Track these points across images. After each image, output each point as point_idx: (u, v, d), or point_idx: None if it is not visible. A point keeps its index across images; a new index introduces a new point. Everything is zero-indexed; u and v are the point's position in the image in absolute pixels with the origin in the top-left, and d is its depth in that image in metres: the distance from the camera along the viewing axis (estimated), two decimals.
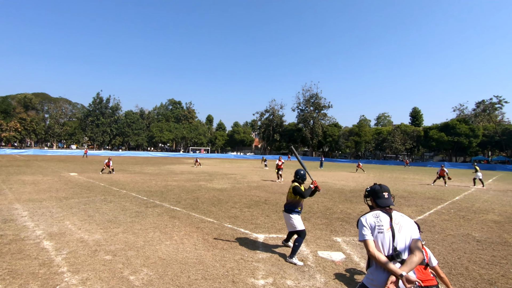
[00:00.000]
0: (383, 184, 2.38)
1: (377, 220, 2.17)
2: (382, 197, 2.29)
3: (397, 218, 2.18)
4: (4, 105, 72.81)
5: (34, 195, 9.01)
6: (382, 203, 2.27)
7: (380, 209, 2.25)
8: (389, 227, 2.13)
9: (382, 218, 2.17)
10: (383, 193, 2.30)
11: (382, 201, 2.28)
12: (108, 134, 77.12)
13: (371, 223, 2.18)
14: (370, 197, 2.40)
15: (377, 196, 2.32)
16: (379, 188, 2.34)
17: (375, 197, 2.34)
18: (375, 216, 2.20)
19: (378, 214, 2.21)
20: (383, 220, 2.15)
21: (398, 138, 60.97)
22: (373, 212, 2.24)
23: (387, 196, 2.29)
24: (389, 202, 2.27)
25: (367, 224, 2.18)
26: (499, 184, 18.74)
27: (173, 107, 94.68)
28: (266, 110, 78.22)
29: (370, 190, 2.41)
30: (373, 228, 2.16)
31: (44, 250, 4.28)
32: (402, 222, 2.16)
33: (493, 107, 57.57)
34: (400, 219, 2.18)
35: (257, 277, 3.60)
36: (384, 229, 2.12)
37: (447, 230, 6.29)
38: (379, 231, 2.13)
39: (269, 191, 11.78)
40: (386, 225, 2.14)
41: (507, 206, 9.77)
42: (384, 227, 2.13)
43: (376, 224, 2.16)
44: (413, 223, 2.22)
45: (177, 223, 6.15)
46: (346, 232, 5.85)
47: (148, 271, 3.65)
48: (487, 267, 4.19)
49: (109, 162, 17.75)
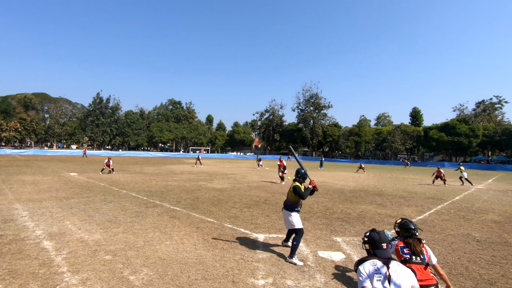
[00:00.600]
0: (382, 231, 2.42)
1: (375, 268, 2.22)
2: (380, 247, 2.34)
3: (394, 266, 2.23)
4: (4, 105, 72.81)
5: (34, 195, 9.01)
6: (380, 255, 2.31)
7: (377, 258, 2.29)
8: (387, 275, 2.17)
9: (379, 267, 2.22)
10: (381, 244, 2.34)
11: (380, 252, 2.33)
12: (108, 134, 77.14)
13: (369, 271, 2.23)
14: (368, 244, 2.43)
15: (376, 246, 2.36)
16: (378, 238, 2.37)
17: (374, 247, 2.38)
18: (373, 264, 2.24)
19: (375, 263, 2.25)
20: (381, 269, 2.20)
21: (398, 138, 60.96)
22: (371, 261, 2.28)
23: (385, 247, 2.33)
24: (387, 255, 2.31)
25: (365, 272, 2.23)
26: (499, 184, 18.74)
27: (173, 107, 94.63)
28: (266, 110, 78.25)
29: (369, 237, 2.44)
30: (372, 276, 2.20)
31: (44, 250, 4.28)
32: (399, 271, 2.21)
33: (493, 107, 57.57)
34: (397, 268, 2.23)
35: (257, 277, 3.60)
36: (382, 278, 2.16)
37: (447, 230, 6.29)
38: (377, 279, 2.17)
39: (269, 191, 11.78)
40: (383, 274, 2.18)
41: (507, 206, 9.77)
42: (382, 275, 2.18)
43: (374, 273, 2.20)
44: (410, 271, 2.26)
45: (177, 223, 6.15)
46: (346, 232, 5.85)
47: (148, 271, 3.65)
48: (487, 267, 4.19)
49: (109, 161, 17.75)
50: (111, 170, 17.74)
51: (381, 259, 2.28)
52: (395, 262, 2.30)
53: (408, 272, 2.24)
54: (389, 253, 2.34)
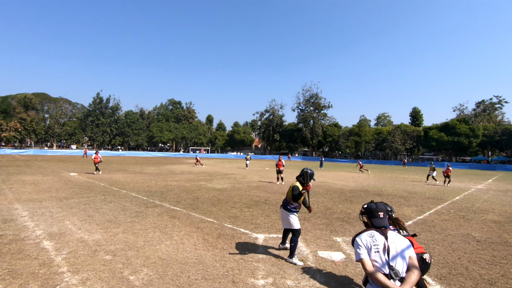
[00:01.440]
0: (380, 202, 2.42)
1: (373, 239, 2.21)
2: (377, 216, 2.33)
3: (392, 237, 2.23)
4: (4, 105, 72.82)
5: (34, 195, 9.01)
6: (376, 223, 2.30)
7: (375, 228, 2.29)
8: (385, 247, 2.17)
9: (377, 238, 2.21)
10: (378, 213, 2.34)
11: (377, 220, 2.31)
12: (108, 134, 77.14)
13: (366, 242, 2.22)
14: (366, 215, 2.44)
15: (373, 215, 2.36)
16: (375, 207, 2.37)
17: (371, 216, 2.38)
18: (370, 236, 2.24)
19: (373, 234, 2.25)
20: (378, 240, 2.19)
21: (398, 138, 60.96)
22: (368, 232, 2.28)
23: (382, 216, 2.33)
24: (383, 223, 2.30)
25: (362, 244, 2.23)
26: (499, 184, 18.73)
27: (173, 107, 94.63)
28: (266, 110, 78.21)
29: (366, 208, 2.45)
30: (369, 248, 2.20)
31: (44, 250, 4.28)
32: (397, 241, 2.21)
33: (493, 107, 57.56)
34: (395, 238, 2.22)
35: (257, 277, 3.60)
36: (380, 248, 2.16)
37: (447, 230, 6.28)
38: (375, 250, 2.17)
39: (269, 191, 11.78)
40: (381, 244, 2.18)
41: (507, 206, 9.77)
42: (379, 246, 2.17)
43: (372, 244, 2.20)
44: (407, 242, 2.26)
45: (177, 223, 6.14)
46: (346, 232, 5.85)
47: (148, 271, 3.65)
48: (487, 267, 4.19)
49: (98, 155, 17.07)
50: (97, 168, 16.91)
51: (378, 229, 2.27)
52: (393, 232, 2.29)
53: (406, 242, 2.24)
54: (386, 222, 2.33)
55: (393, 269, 2.12)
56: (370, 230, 2.31)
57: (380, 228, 2.28)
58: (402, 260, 2.15)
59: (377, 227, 2.29)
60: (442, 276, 3.83)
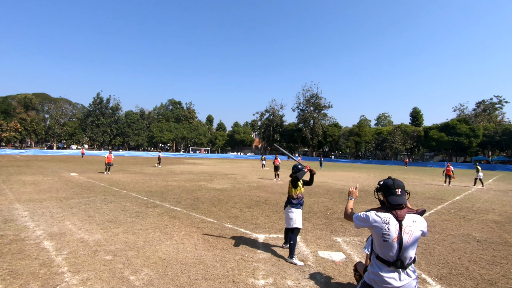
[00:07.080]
0: (397, 179, 2.18)
1: (385, 227, 2.00)
2: (394, 193, 2.08)
3: (409, 225, 2.00)
4: (4, 105, 72.81)
5: (35, 195, 9.01)
6: (393, 201, 2.07)
7: (391, 212, 2.06)
8: (397, 237, 1.97)
9: (391, 227, 1.99)
10: (395, 189, 2.09)
11: (394, 198, 2.07)
12: (108, 134, 77.10)
13: (378, 223, 2.05)
14: (382, 191, 2.20)
15: (389, 192, 2.11)
16: (392, 183, 2.12)
17: (387, 193, 2.13)
18: (385, 222, 2.02)
19: (388, 220, 2.02)
20: (392, 229, 1.99)
21: (398, 138, 60.95)
22: (384, 216, 2.05)
23: (400, 193, 2.08)
24: (401, 201, 2.07)
25: (372, 220, 2.07)
26: (499, 184, 18.73)
27: (173, 107, 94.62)
28: (266, 110, 78.27)
29: (382, 184, 2.20)
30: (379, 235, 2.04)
31: (45, 250, 4.28)
32: (413, 229, 2.00)
33: (493, 107, 57.52)
34: (412, 226, 2.00)
35: (258, 277, 3.60)
36: (391, 238, 1.98)
37: (448, 230, 6.28)
38: (384, 239, 2.00)
39: (269, 191, 11.78)
40: (393, 234, 1.98)
41: (507, 206, 9.76)
42: (390, 236, 1.98)
43: (382, 232, 2.01)
44: (424, 225, 2.08)
45: (177, 223, 6.15)
46: (346, 232, 5.85)
47: (149, 271, 3.65)
48: (488, 267, 4.19)
49: (111, 155, 17.91)
50: (108, 169, 17.65)
51: (395, 210, 2.04)
52: (411, 217, 2.03)
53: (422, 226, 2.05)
54: (404, 199, 2.09)
55: (399, 259, 1.98)
56: (386, 213, 2.07)
57: (397, 206, 2.06)
58: (412, 249, 2.00)
59: (394, 205, 2.07)
60: (442, 276, 3.83)
